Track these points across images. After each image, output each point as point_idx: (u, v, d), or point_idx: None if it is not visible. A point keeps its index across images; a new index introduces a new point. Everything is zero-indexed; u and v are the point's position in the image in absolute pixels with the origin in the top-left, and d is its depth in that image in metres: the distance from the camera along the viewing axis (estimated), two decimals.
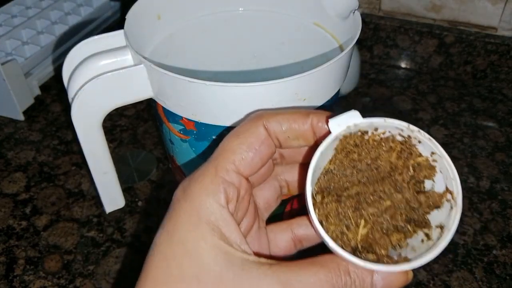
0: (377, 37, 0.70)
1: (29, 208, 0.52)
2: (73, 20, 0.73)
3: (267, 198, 0.26)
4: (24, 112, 0.63)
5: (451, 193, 0.22)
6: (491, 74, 0.67)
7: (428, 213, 0.23)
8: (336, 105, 0.37)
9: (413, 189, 0.23)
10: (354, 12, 0.36)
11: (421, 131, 0.23)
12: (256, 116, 0.23)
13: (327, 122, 0.23)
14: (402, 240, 0.22)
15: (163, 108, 0.33)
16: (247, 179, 0.23)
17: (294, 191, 0.27)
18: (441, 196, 0.23)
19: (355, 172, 0.23)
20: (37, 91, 0.67)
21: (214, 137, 0.33)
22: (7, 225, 0.50)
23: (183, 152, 0.36)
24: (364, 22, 0.70)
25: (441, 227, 0.22)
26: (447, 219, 0.22)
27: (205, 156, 0.35)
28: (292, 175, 0.26)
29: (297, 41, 0.41)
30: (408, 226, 0.22)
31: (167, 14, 0.40)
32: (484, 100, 0.65)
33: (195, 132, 0.33)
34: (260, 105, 0.30)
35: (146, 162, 0.57)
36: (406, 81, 0.69)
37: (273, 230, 0.26)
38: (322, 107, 0.33)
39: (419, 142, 0.23)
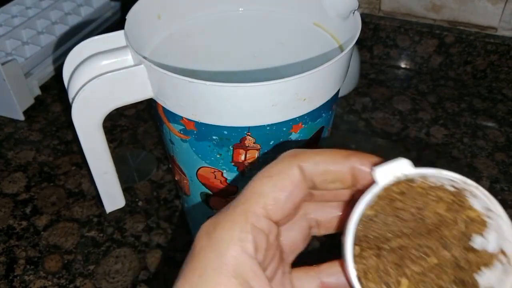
0: (377, 37, 0.70)
1: (29, 208, 0.52)
2: (73, 20, 0.73)
3: (293, 239, 0.24)
4: (24, 112, 0.63)
5: (505, 255, 0.20)
6: (491, 74, 0.67)
7: (477, 272, 0.21)
8: (336, 105, 0.37)
9: (463, 245, 0.21)
10: (354, 12, 0.36)
11: (479, 187, 0.21)
12: (291, 155, 0.21)
13: (371, 168, 0.21)
14: None
15: (163, 108, 0.33)
16: (276, 224, 0.21)
17: (325, 231, 0.25)
18: (493, 256, 0.21)
19: (397, 221, 0.21)
20: (37, 91, 0.67)
21: (214, 137, 0.33)
22: (7, 225, 0.50)
23: (184, 152, 0.36)
24: (364, 22, 0.70)
25: None
26: (499, 283, 0.20)
27: (205, 156, 0.35)
28: (324, 214, 0.24)
29: (297, 41, 0.41)
30: (454, 286, 0.20)
31: (167, 14, 0.40)
32: (484, 100, 0.65)
33: (195, 132, 0.33)
34: (260, 105, 0.30)
35: (146, 162, 0.57)
36: (406, 81, 0.69)
37: (300, 278, 0.24)
38: (322, 107, 0.33)
39: (473, 196, 0.21)
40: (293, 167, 0.21)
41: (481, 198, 0.21)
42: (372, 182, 0.21)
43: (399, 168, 0.21)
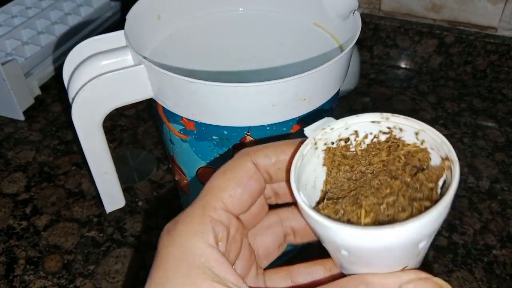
0: (377, 37, 0.70)
1: (29, 208, 0.52)
2: (73, 20, 0.73)
3: (267, 245, 0.24)
4: (24, 112, 0.63)
5: (447, 158, 0.21)
6: (491, 74, 0.67)
7: (432, 186, 0.21)
8: (336, 105, 0.37)
9: (410, 172, 0.22)
10: (354, 12, 0.36)
11: (395, 115, 0.22)
12: (243, 152, 0.23)
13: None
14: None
15: (163, 108, 0.33)
16: (237, 217, 0.22)
17: (300, 239, 0.25)
18: (440, 168, 0.21)
19: (351, 183, 0.22)
20: (37, 91, 0.67)
21: (214, 137, 0.33)
22: (7, 225, 0.50)
23: (183, 152, 0.36)
24: (364, 22, 0.69)
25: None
26: (452, 180, 0.20)
27: (205, 156, 0.35)
28: (298, 222, 0.25)
29: (297, 41, 0.41)
30: (414, 203, 0.21)
31: (167, 14, 0.40)
32: (484, 100, 0.65)
33: (195, 132, 0.33)
34: (260, 105, 0.30)
35: (146, 162, 0.57)
36: (406, 81, 0.69)
37: (272, 279, 0.25)
38: (322, 107, 0.33)
39: (401, 130, 0.22)
40: (247, 162, 0.22)
41: (406, 126, 0.22)
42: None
43: (324, 123, 0.22)
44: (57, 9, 0.74)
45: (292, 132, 0.33)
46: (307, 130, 0.22)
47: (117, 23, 0.80)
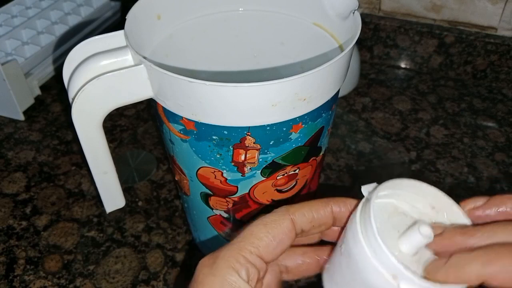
0: (377, 37, 0.70)
1: (29, 208, 0.52)
2: (73, 20, 0.73)
3: (269, 282, 0.28)
4: (24, 112, 0.63)
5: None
6: (491, 74, 0.67)
7: None
8: (336, 105, 0.37)
9: None
10: (354, 12, 0.36)
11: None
12: (284, 209, 0.26)
13: (346, 208, 0.26)
14: None
15: (163, 108, 0.33)
16: (266, 263, 0.25)
17: (293, 276, 0.29)
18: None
19: None
20: (37, 91, 0.67)
21: (214, 137, 0.33)
22: (7, 225, 0.50)
23: (183, 152, 0.36)
24: (364, 22, 0.69)
25: None
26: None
27: (205, 156, 0.35)
28: (292, 261, 0.28)
29: (297, 41, 0.41)
30: None
31: (167, 14, 0.40)
32: (484, 100, 0.65)
33: (195, 132, 0.33)
34: (260, 105, 0.30)
35: (146, 162, 0.57)
36: (406, 81, 0.69)
37: None
38: (322, 107, 0.33)
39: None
40: (286, 220, 0.25)
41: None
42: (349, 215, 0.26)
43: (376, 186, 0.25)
44: (57, 9, 0.74)
45: (292, 131, 0.33)
46: (363, 189, 0.25)
47: (117, 23, 0.80)
